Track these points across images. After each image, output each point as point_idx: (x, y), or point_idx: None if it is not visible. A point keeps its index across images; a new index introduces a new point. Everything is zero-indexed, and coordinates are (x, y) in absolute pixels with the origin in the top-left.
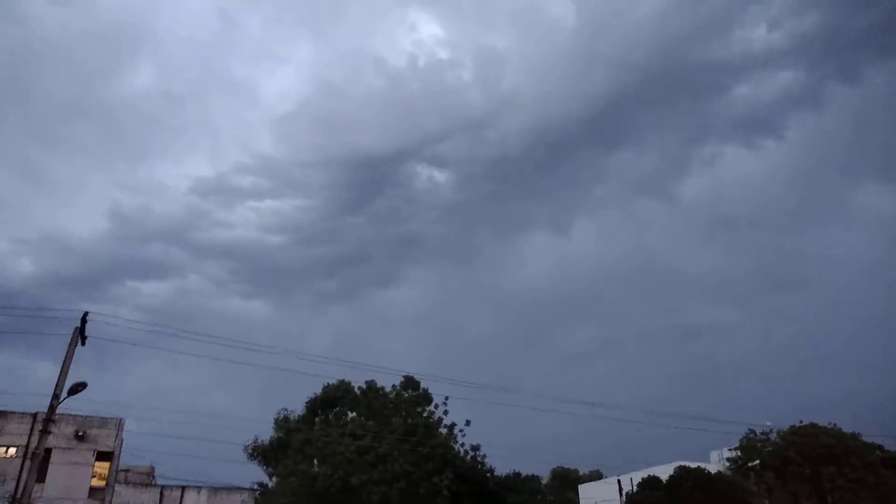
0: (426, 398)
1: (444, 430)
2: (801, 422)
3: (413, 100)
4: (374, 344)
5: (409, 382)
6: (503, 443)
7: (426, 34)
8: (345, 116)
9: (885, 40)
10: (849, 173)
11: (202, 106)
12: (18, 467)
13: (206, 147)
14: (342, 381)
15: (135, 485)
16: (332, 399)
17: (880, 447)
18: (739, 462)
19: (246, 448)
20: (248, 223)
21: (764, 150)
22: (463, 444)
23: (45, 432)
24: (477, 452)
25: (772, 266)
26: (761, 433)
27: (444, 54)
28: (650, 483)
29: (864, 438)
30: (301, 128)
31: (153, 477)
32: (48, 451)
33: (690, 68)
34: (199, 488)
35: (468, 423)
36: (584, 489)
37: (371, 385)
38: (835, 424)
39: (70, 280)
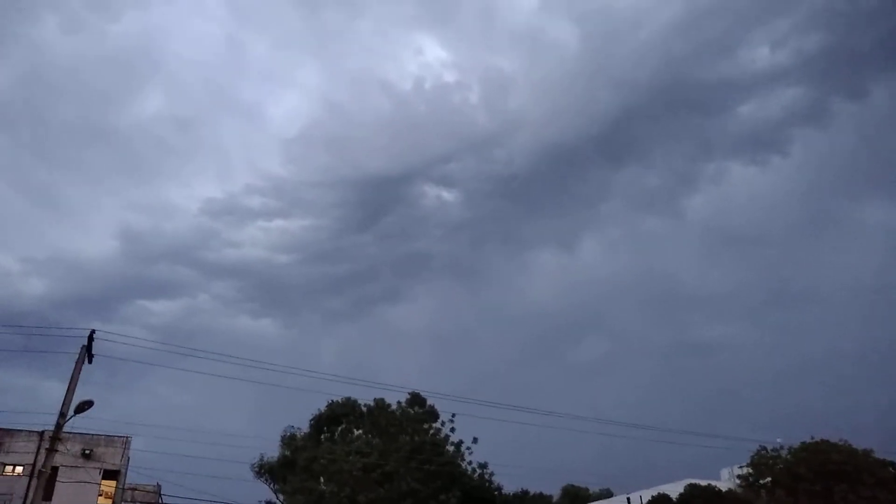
0: (432, 415)
1: (451, 448)
2: (812, 438)
3: (420, 121)
4: (382, 361)
5: (415, 399)
6: (511, 461)
7: (432, 57)
8: (352, 137)
9: (889, 56)
10: (855, 189)
11: (211, 129)
12: (25, 486)
13: (216, 169)
14: (347, 399)
15: (141, 503)
16: (338, 416)
17: (892, 464)
18: (750, 479)
19: (253, 466)
20: (256, 243)
21: (769, 166)
22: (471, 462)
23: (51, 451)
24: (484, 470)
25: (780, 282)
26: (772, 450)
27: (450, 77)
28: (660, 501)
29: (877, 455)
30: (309, 149)
31: (160, 495)
32: (55, 470)
33: (695, 87)
34: None
35: (475, 440)
36: None
37: (378, 402)
38: (846, 441)
39: (79, 299)
